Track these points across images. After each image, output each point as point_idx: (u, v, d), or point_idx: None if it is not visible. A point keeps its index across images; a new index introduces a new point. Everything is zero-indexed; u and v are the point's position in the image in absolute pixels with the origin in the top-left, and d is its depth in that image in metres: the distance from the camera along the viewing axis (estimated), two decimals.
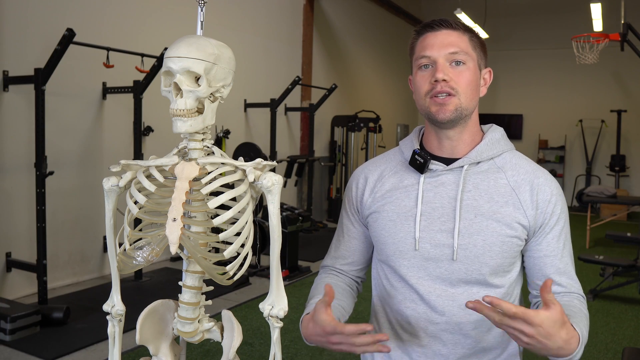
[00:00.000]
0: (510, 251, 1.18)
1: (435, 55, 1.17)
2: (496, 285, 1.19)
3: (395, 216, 1.23)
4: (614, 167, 10.06)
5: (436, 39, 1.18)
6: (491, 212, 1.17)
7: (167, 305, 1.19)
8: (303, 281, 4.73)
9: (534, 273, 1.23)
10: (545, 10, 10.63)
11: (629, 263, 4.49)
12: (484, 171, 1.21)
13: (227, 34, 5.82)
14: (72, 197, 4.39)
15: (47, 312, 3.43)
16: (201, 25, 1.15)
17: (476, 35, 1.22)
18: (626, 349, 2.40)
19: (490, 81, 1.26)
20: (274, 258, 1.07)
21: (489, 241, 1.16)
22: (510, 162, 1.23)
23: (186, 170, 1.05)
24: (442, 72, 1.15)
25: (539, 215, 1.18)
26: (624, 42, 4.55)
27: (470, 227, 1.17)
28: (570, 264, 1.22)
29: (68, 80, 4.25)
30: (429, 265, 1.19)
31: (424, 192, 1.21)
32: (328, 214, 8.14)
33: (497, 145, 1.23)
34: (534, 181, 1.20)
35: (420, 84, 1.20)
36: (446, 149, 1.23)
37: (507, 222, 1.16)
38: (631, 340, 3.63)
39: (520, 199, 1.18)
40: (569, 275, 1.21)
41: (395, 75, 10.60)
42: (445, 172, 1.21)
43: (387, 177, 1.29)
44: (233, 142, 5.82)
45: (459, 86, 1.16)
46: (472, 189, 1.19)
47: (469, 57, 1.18)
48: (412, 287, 1.21)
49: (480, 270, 1.17)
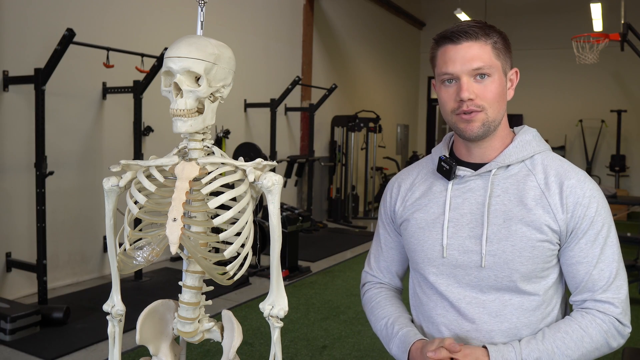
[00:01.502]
0: (542, 256, 1.13)
1: (458, 72, 1.12)
2: (529, 293, 1.15)
3: (424, 223, 1.22)
4: (614, 167, 10.07)
5: (457, 54, 1.13)
6: (520, 216, 1.13)
7: (167, 305, 1.19)
8: (303, 281, 4.73)
9: (569, 282, 1.18)
10: (545, 10, 10.63)
11: (629, 263, 4.49)
12: (513, 174, 1.18)
13: (227, 34, 5.81)
14: (72, 197, 4.39)
15: (47, 312, 3.43)
16: (201, 25, 1.15)
17: (499, 37, 1.16)
18: (626, 349, 2.40)
19: (517, 80, 1.22)
20: (274, 258, 1.07)
21: (518, 246, 1.12)
22: (542, 163, 1.18)
23: (186, 170, 1.05)
24: (467, 91, 1.11)
25: (569, 219, 1.13)
26: (624, 42, 4.55)
27: (499, 232, 1.14)
28: (612, 275, 1.13)
29: (68, 80, 4.25)
30: (457, 273, 1.17)
31: (452, 199, 1.20)
32: (328, 214, 8.14)
33: (528, 147, 1.19)
34: (565, 183, 1.15)
35: (445, 100, 1.16)
36: (475, 155, 1.21)
37: (537, 226, 1.12)
38: (631, 340, 3.63)
39: (550, 201, 1.14)
40: (605, 289, 1.13)
41: (395, 75, 10.60)
42: (473, 177, 1.19)
43: (417, 185, 1.28)
44: (233, 142, 5.82)
45: (486, 101, 1.13)
46: (500, 193, 1.16)
47: (494, 68, 1.13)
48: (442, 294, 1.19)
49: (510, 277, 1.13)
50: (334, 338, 3.47)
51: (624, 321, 1.14)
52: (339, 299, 4.22)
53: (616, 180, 10.06)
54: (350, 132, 7.97)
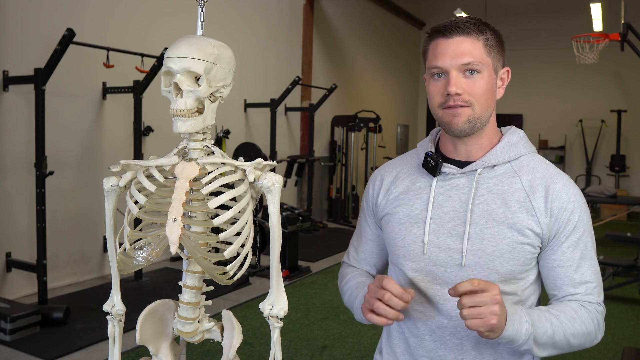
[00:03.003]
0: (522, 259, 1.13)
1: (448, 66, 1.12)
2: (507, 293, 1.15)
3: (406, 219, 1.21)
4: (614, 167, 10.07)
5: (448, 48, 1.12)
6: (503, 217, 1.13)
7: (167, 305, 1.19)
8: (303, 281, 4.73)
9: (548, 284, 1.18)
10: (545, 10, 10.63)
11: (629, 263, 4.49)
12: (499, 175, 1.17)
13: (227, 34, 5.81)
14: (72, 197, 4.39)
15: (47, 312, 3.43)
16: (201, 25, 1.15)
17: (492, 34, 1.15)
18: (626, 349, 2.40)
19: (508, 80, 1.21)
20: (274, 258, 1.07)
21: (499, 247, 1.12)
22: (528, 165, 1.18)
23: (186, 170, 1.05)
24: (455, 86, 1.11)
25: (553, 223, 1.13)
26: (624, 42, 4.55)
27: (481, 232, 1.14)
28: (590, 276, 1.15)
29: (68, 80, 4.25)
30: (437, 270, 1.17)
31: (435, 195, 1.19)
32: (328, 214, 8.14)
33: (515, 148, 1.19)
34: (550, 187, 1.14)
35: (433, 94, 1.16)
36: (461, 152, 1.20)
37: (519, 229, 1.12)
38: (631, 340, 3.63)
39: (534, 205, 1.13)
40: (586, 288, 1.15)
41: (395, 75, 10.60)
42: (458, 175, 1.18)
43: (401, 179, 1.27)
44: (233, 142, 5.82)
45: (473, 97, 1.12)
46: (485, 193, 1.16)
47: (484, 65, 1.13)
48: (420, 290, 1.19)
49: (489, 277, 1.13)
50: (334, 338, 3.48)
51: (603, 323, 1.17)
52: (339, 299, 4.22)
53: (616, 180, 10.06)
54: (350, 132, 7.97)
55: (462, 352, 1.17)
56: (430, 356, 1.20)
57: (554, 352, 1.12)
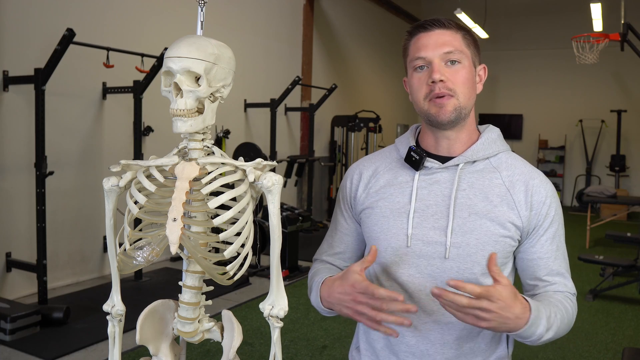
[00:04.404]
0: (503, 251, 1.18)
1: (430, 56, 1.16)
2: (487, 285, 1.18)
3: (388, 212, 1.23)
4: (614, 167, 10.07)
5: (430, 39, 1.18)
6: (485, 211, 1.17)
7: (167, 305, 1.19)
8: (303, 281, 4.73)
9: (527, 274, 1.23)
10: (545, 10, 10.63)
11: (629, 263, 4.49)
12: (479, 170, 1.21)
13: (227, 34, 5.81)
14: (72, 197, 4.39)
15: (47, 312, 3.43)
16: (201, 25, 1.15)
17: (469, 32, 1.22)
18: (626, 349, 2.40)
19: (485, 77, 1.26)
20: (274, 258, 1.07)
21: (482, 240, 1.16)
22: (506, 162, 1.23)
23: (186, 170, 1.05)
24: (439, 73, 1.15)
25: (532, 216, 1.18)
26: (624, 42, 4.55)
27: (464, 225, 1.17)
28: (564, 266, 1.22)
29: (68, 80, 4.25)
30: (420, 263, 1.18)
31: (418, 189, 1.21)
32: (328, 214, 8.13)
33: (493, 145, 1.23)
34: (529, 182, 1.19)
35: (417, 87, 1.19)
36: (443, 147, 1.23)
37: (501, 222, 1.16)
38: (631, 340, 3.63)
39: (515, 199, 1.18)
40: (563, 276, 1.21)
41: (395, 75, 10.60)
42: (440, 170, 1.21)
43: (381, 173, 1.28)
44: (233, 142, 5.82)
45: (456, 86, 1.16)
46: (466, 187, 1.19)
47: (464, 56, 1.18)
48: (403, 284, 1.20)
49: (472, 270, 1.16)
50: (334, 338, 3.47)
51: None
52: None
53: (616, 180, 10.06)
54: (350, 132, 7.97)
55: (444, 346, 1.19)
56: (412, 351, 1.21)
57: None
